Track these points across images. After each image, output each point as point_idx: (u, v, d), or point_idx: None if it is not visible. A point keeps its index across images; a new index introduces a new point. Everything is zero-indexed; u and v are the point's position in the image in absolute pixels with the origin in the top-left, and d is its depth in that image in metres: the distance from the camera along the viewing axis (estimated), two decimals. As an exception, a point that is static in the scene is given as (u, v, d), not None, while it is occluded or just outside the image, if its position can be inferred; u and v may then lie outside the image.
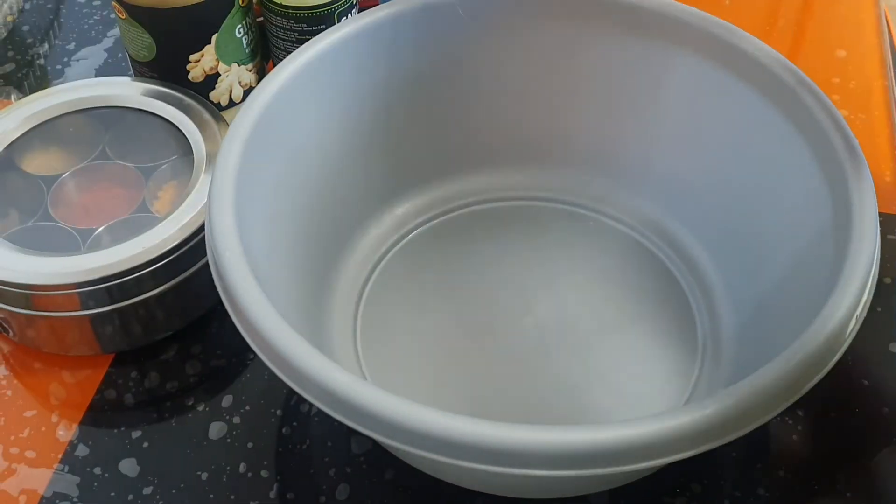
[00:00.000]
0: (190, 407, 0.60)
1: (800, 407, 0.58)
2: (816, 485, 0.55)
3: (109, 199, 0.64)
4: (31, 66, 0.82)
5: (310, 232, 0.61)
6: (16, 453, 0.58)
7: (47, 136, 0.67)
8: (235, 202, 0.51)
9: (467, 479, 0.54)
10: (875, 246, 0.49)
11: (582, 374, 0.59)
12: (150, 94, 0.68)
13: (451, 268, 0.65)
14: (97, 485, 0.56)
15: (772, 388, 0.44)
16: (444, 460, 0.43)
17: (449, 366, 0.60)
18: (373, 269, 0.65)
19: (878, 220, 0.50)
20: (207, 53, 0.68)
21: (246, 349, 0.48)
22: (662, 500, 0.55)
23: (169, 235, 0.59)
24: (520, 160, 0.68)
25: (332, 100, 0.60)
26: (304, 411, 0.59)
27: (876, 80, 0.79)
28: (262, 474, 0.56)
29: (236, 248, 0.49)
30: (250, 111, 0.55)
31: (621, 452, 0.42)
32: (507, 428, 0.42)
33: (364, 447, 0.57)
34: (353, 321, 0.62)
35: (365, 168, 0.64)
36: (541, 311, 0.62)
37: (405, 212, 0.67)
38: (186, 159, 0.64)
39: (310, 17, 0.69)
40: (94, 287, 0.58)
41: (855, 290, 0.47)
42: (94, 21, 0.85)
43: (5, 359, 0.63)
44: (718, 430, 0.43)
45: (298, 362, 0.45)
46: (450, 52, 0.63)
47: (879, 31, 0.83)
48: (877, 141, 0.73)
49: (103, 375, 0.61)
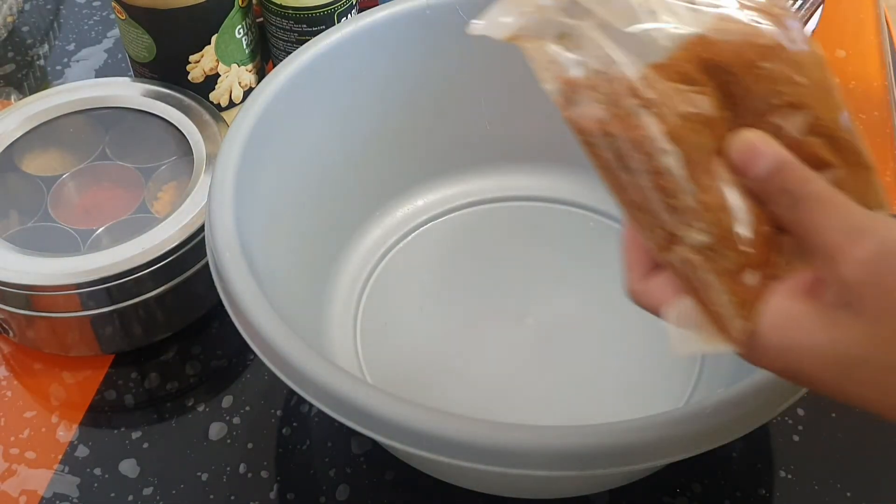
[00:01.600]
0: (190, 407, 0.60)
1: (800, 407, 0.58)
2: (816, 485, 0.55)
3: (109, 199, 0.64)
4: (31, 66, 0.82)
5: (309, 233, 0.61)
6: (16, 454, 0.58)
7: (47, 137, 0.67)
8: (235, 203, 0.51)
9: (467, 479, 0.54)
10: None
11: (582, 374, 0.59)
12: (150, 95, 0.68)
13: (451, 268, 0.65)
14: (97, 485, 0.56)
15: (772, 389, 0.44)
16: (444, 460, 0.43)
17: (449, 366, 0.60)
18: (373, 269, 0.65)
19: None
20: (207, 54, 0.68)
21: (246, 350, 0.48)
22: (662, 500, 0.55)
23: (169, 236, 0.59)
24: (520, 160, 0.68)
25: (331, 100, 0.61)
26: (304, 412, 0.59)
27: (875, 81, 0.79)
28: (262, 475, 0.56)
29: (236, 248, 0.49)
30: (250, 112, 0.55)
31: (621, 452, 0.42)
32: (507, 428, 0.42)
33: (364, 447, 0.57)
34: (353, 321, 0.62)
35: (364, 169, 0.64)
36: (541, 311, 0.62)
37: (405, 212, 0.67)
38: (186, 160, 0.64)
39: (309, 17, 0.69)
40: (94, 288, 0.58)
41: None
42: (94, 22, 0.85)
43: (5, 359, 0.63)
44: (718, 431, 0.43)
45: (298, 363, 0.45)
46: (449, 53, 0.63)
47: (879, 31, 0.83)
48: (876, 141, 0.73)
49: (103, 376, 0.61)
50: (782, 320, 0.36)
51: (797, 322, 0.36)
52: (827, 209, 0.35)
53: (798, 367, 0.36)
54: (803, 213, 0.36)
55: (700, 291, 0.36)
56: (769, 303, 0.36)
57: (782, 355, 0.36)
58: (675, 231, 0.36)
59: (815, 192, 0.36)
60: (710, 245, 0.36)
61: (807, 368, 0.36)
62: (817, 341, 0.35)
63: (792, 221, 0.36)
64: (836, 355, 0.35)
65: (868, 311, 0.34)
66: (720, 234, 0.36)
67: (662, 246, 0.37)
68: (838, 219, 0.35)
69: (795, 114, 0.38)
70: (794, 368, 0.36)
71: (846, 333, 0.35)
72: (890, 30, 0.84)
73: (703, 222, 0.36)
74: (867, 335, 0.34)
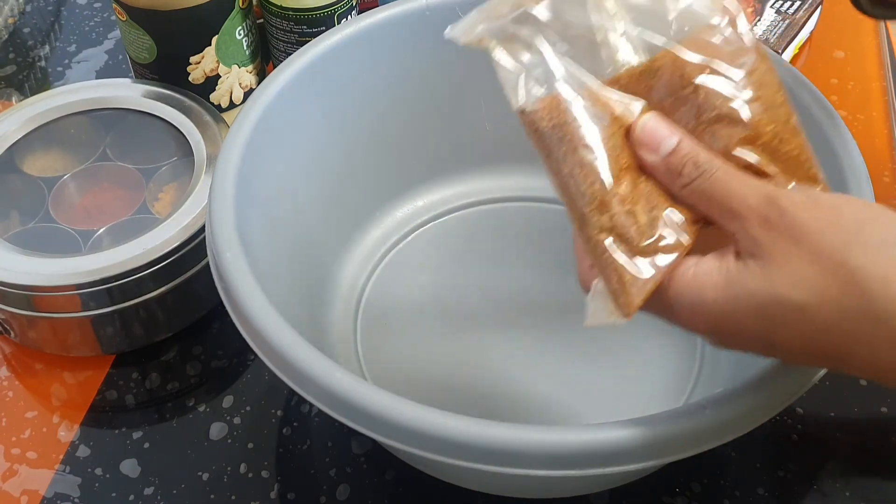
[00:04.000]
0: (191, 407, 0.60)
1: (799, 406, 0.58)
2: (816, 485, 0.55)
3: (110, 200, 0.64)
4: (32, 67, 0.82)
5: (310, 233, 0.61)
6: (17, 454, 0.58)
7: (48, 138, 0.67)
8: (236, 203, 0.51)
9: (467, 479, 0.54)
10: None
11: (582, 374, 0.59)
12: (151, 96, 0.68)
13: (451, 269, 0.65)
14: (98, 485, 0.56)
15: (771, 388, 0.44)
16: (444, 460, 0.43)
17: (448, 366, 0.60)
18: (373, 269, 0.65)
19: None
20: (208, 55, 0.69)
21: (246, 350, 0.48)
22: (662, 499, 0.55)
23: (170, 237, 0.59)
24: (520, 160, 0.68)
25: (331, 101, 0.61)
26: (304, 412, 0.59)
27: (874, 81, 0.79)
28: (263, 474, 0.56)
29: (237, 249, 0.49)
30: (251, 113, 0.55)
31: (621, 452, 0.42)
32: (507, 428, 0.42)
33: (364, 447, 0.57)
34: (353, 321, 0.62)
35: (364, 169, 0.64)
36: (540, 311, 0.62)
37: (405, 213, 0.67)
38: (187, 161, 0.64)
39: (310, 18, 0.69)
40: (95, 288, 0.58)
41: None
42: (95, 23, 0.85)
43: (7, 360, 0.63)
44: (717, 431, 0.43)
45: (299, 363, 0.45)
46: (449, 54, 0.63)
47: (878, 32, 0.83)
48: (875, 142, 0.73)
49: (104, 376, 0.61)
50: (688, 280, 0.40)
51: (707, 278, 0.39)
52: (736, 177, 0.40)
53: (720, 322, 0.39)
54: (711, 183, 0.40)
55: (602, 269, 0.41)
56: (677, 270, 0.40)
57: (697, 312, 0.40)
58: (584, 212, 0.40)
59: (720, 164, 0.40)
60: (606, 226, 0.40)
61: (730, 321, 0.39)
62: (734, 291, 0.39)
63: (699, 192, 0.40)
64: (753, 300, 0.38)
65: (777, 257, 0.38)
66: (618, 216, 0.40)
67: (578, 228, 0.41)
68: (745, 184, 0.39)
69: (728, 128, 0.41)
70: (717, 324, 0.40)
71: (758, 278, 0.38)
72: (888, 30, 0.84)
73: (605, 206, 0.40)
74: (778, 276, 0.38)
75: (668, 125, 0.41)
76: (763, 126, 0.41)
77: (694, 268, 0.40)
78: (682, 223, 0.41)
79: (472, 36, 0.42)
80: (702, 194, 0.40)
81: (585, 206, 0.40)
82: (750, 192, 0.39)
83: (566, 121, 0.40)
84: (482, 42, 0.41)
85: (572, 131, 0.40)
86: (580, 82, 0.41)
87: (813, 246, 0.37)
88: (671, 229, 0.40)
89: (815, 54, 0.81)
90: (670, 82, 0.41)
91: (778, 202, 0.38)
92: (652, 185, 0.41)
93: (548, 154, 0.41)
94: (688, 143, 0.40)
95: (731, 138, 0.41)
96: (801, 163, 0.42)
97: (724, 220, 0.40)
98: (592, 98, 0.41)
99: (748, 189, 0.39)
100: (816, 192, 0.40)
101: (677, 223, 0.40)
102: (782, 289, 0.38)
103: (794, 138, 0.42)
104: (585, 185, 0.40)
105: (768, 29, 0.78)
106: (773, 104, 0.42)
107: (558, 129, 0.40)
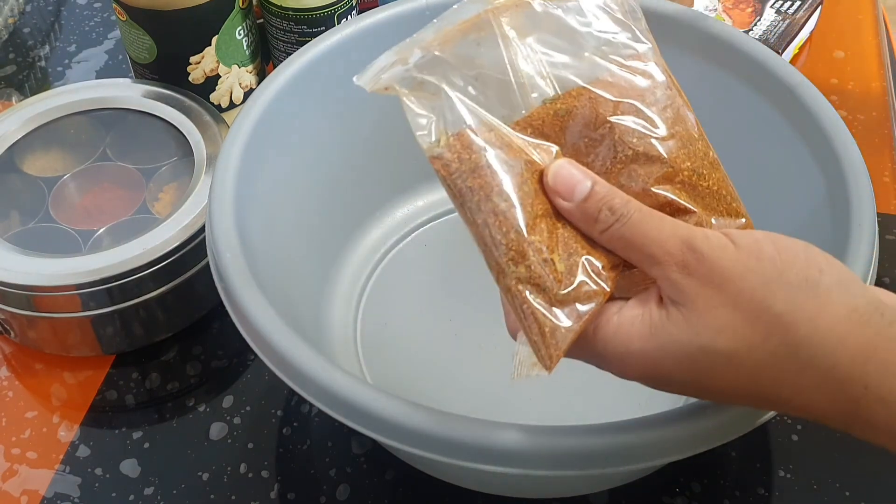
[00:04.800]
0: (191, 407, 0.60)
1: (799, 407, 0.58)
2: (816, 484, 0.55)
3: (110, 200, 0.64)
4: (32, 68, 0.82)
5: (310, 233, 0.61)
6: (17, 454, 0.58)
7: (48, 138, 0.67)
8: (236, 204, 0.52)
9: (467, 479, 0.54)
10: (873, 246, 0.49)
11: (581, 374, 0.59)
12: (151, 96, 0.68)
13: (451, 269, 0.65)
14: (98, 485, 0.56)
15: (770, 388, 0.44)
16: (444, 460, 0.43)
17: (448, 366, 0.60)
18: (373, 269, 0.65)
19: (876, 220, 0.50)
20: (208, 55, 0.69)
21: (246, 350, 0.48)
22: (662, 499, 0.55)
23: (169, 237, 0.59)
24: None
25: (331, 101, 0.61)
26: (304, 412, 0.59)
27: (874, 81, 0.79)
28: (263, 474, 0.56)
29: (237, 249, 0.49)
30: (251, 113, 0.55)
31: (621, 452, 0.42)
32: (506, 428, 0.42)
33: (364, 447, 0.57)
34: (353, 321, 0.62)
35: (364, 169, 0.64)
36: (540, 311, 0.62)
37: (405, 212, 0.67)
38: (187, 161, 0.64)
39: (310, 18, 0.69)
40: (95, 288, 0.58)
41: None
42: (95, 23, 0.86)
43: (7, 360, 0.63)
44: (717, 431, 0.43)
45: (298, 363, 0.45)
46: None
47: (878, 32, 0.83)
48: (875, 142, 0.73)
49: (104, 376, 0.61)
50: (613, 329, 0.39)
51: (631, 328, 0.38)
52: (652, 221, 0.39)
53: (648, 370, 0.39)
54: (629, 228, 0.39)
55: (522, 320, 0.39)
56: (601, 318, 0.39)
57: (626, 361, 0.39)
58: (500, 263, 0.39)
59: (636, 207, 0.39)
60: (523, 276, 0.39)
61: (659, 369, 0.39)
62: (659, 342, 0.38)
63: (617, 238, 0.39)
64: (680, 349, 0.37)
65: (699, 304, 0.37)
66: (534, 266, 0.39)
67: (497, 279, 0.40)
68: (662, 229, 0.38)
69: (645, 166, 0.40)
70: (646, 372, 0.39)
71: (682, 328, 0.37)
72: (888, 30, 0.84)
73: (521, 256, 0.39)
74: (702, 325, 0.37)
75: (581, 170, 0.39)
76: (681, 162, 0.40)
77: (617, 316, 0.39)
78: (601, 268, 0.39)
79: (378, 84, 0.40)
80: (619, 240, 0.39)
81: (501, 256, 0.39)
82: (667, 237, 0.38)
83: (478, 166, 0.39)
84: (388, 90, 0.40)
85: (484, 178, 0.39)
86: (490, 126, 0.40)
87: (734, 291, 0.37)
88: (591, 276, 0.39)
89: (815, 54, 0.81)
90: (585, 122, 0.40)
91: (695, 247, 0.37)
92: (570, 231, 0.40)
93: (461, 203, 0.40)
94: (602, 187, 0.39)
95: (649, 176, 0.40)
96: (721, 197, 0.41)
97: (643, 266, 0.39)
98: (504, 144, 0.39)
99: (665, 233, 0.38)
100: (735, 232, 0.38)
101: (597, 268, 0.39)
102: (707, 338, 0.37)
103: (713, 173, 0.41)
104: (500, 234, 0.39)
105: (768, 29, 0.78)
106: (690, 139, 0.41)
107: (469, 176, 0.39)
